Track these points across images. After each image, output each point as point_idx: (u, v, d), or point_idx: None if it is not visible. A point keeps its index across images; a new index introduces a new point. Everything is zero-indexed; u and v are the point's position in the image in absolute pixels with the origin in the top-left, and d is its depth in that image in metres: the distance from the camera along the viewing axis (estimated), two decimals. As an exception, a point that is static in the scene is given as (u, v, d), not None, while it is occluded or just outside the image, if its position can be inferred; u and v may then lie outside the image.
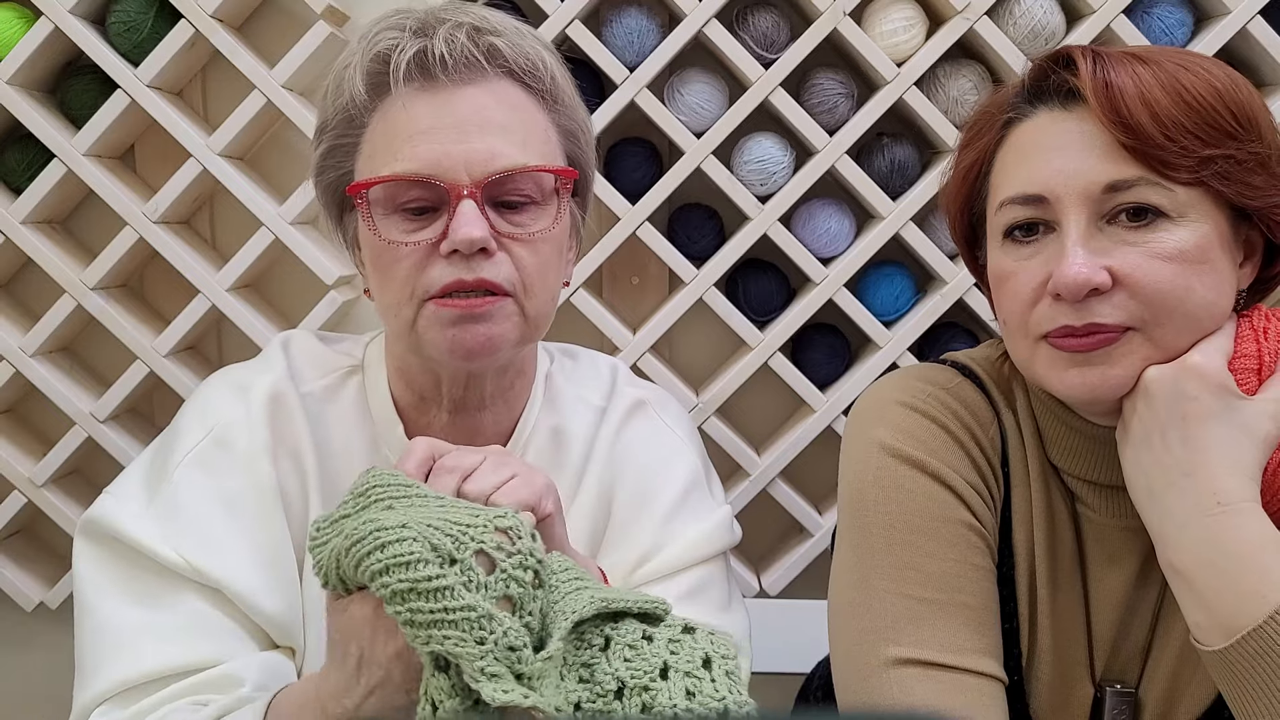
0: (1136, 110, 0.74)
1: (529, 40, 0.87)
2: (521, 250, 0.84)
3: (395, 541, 0.61)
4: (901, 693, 0.78)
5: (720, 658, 0.67)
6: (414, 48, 0.83)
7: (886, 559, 0.81)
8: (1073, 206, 0.75)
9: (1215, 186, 0.75)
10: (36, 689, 1.59)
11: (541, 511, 0.73)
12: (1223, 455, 0.74)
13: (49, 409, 1.45)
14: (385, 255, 0.84)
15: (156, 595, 0.82)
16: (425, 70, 0.83)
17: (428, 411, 0.93)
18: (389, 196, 0.84)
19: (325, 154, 0.89)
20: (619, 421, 0.99)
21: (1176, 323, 0.76)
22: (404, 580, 0.60)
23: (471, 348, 0.84)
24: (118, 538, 0.84)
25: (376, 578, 0.61)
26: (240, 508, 0.86)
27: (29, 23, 1.35)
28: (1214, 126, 0.74)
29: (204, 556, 0.83)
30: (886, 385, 0.89)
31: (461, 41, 0.83)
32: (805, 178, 1.39)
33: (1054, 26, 1.36)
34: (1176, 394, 0.75)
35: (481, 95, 0.84)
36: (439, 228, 0.83)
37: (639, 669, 0.65)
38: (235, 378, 0.92)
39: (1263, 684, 0.70)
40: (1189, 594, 0.74)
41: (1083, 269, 0.74)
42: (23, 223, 1.37)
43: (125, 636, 0.81)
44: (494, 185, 0.83)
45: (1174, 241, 0.74)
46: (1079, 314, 0.75)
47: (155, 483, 0.87)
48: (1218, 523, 0.73)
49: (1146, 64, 0.76)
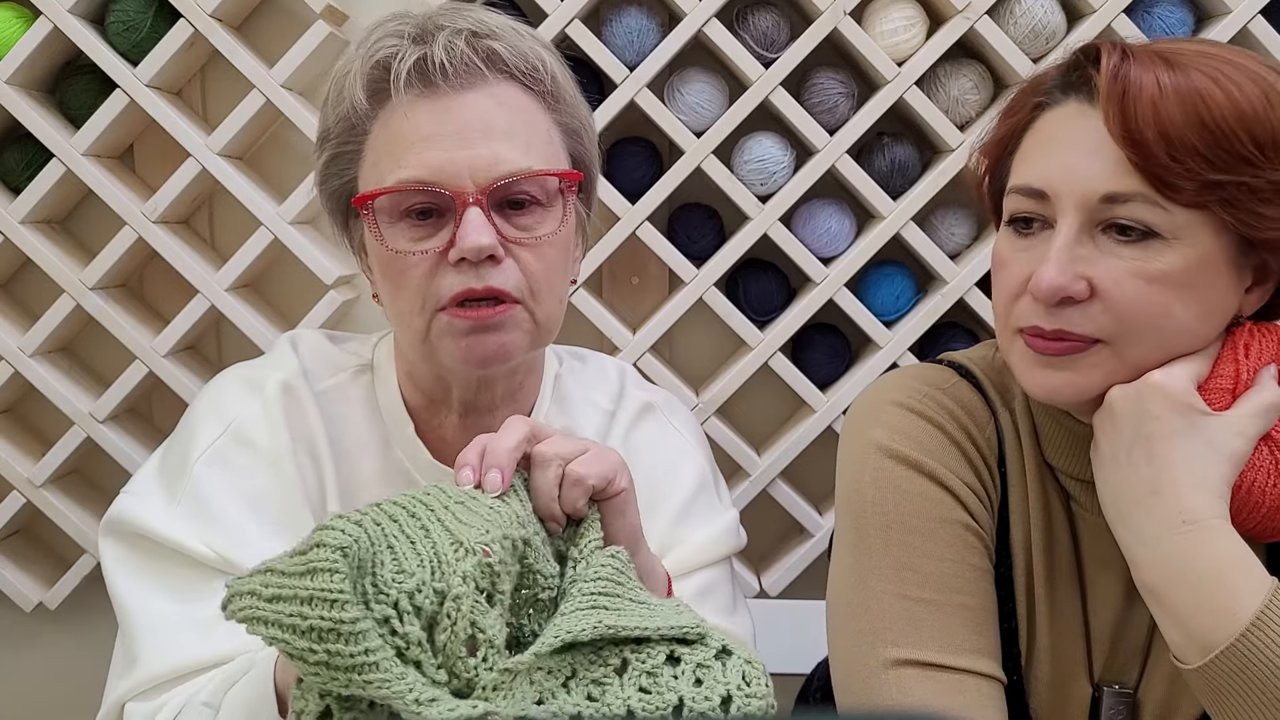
0: (1145, 124, 0.71)
1: (528, 41, 0.87)
2: (528, 255, 0.84)
3: (326, 572, 0.56)
4: (900, 693, 0.78)
5: (744, 696, 0.63)
6: (414, 55, 0.83)
7: (884, 560, 0.81)
8: (1069, 209, 0.75)
9: (1218, 213, 0.72)
10: (36, 689, 1.59)
11: (616, 485, 0.73)
12: (1188, 473, 0.73)
13: (48, 409, 1.44)
14: (394, 265, 0.84)
15: (192, 589, 0.83)
16: (426, 78, 0.83)
17: (438, 413, 0.93)
18: (394, 204, 0.83)
19: (328, 162, 0.88)
20: (627, 425, 0.99)
21: (1147, 342, 0.75)
22: (324, 619, 0.55)
23: (484, 356, 0.84)
24: (144, 535, 0.84)
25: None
26: (265, 504, 0.86)
27: (28, 22, 1.34)
28: (1228, 151, 0.71)
29: (235, 549, 0.83)
30: (883, 386, 0.88)
31: (461, 48, 0.83)
32: (805, 177, 1.39)
33: (1054, 26, 1.36)
34: (1140, 412, 0.75)
35: (483, 100, 0.84)
36: (445, 235, 0.82)
37: (651, 704, 0.61)
38: (247, 374, 0.92)
39: (1241, 700, 0.70)
40: (1163, 612, 0.74)
41: (1058, 277, 0.73)
42: (22, 222, 1.37)
43: (164, 630, 0.81)
44: (498, 190, 0.83)
45: (1161, 263, 0.73)
46: (1050, 318, 0.75)
47: (174, 480, 0.87)
48: (1186, 540, 0.72)
49: (1176, 69, 0.73)
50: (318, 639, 0.55)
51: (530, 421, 0.72)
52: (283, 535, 0.86)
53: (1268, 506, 0.75)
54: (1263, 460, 0.75)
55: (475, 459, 0.70)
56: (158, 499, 0.86)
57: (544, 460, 0.70)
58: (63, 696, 1.58)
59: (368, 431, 0.92)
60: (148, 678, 0.79)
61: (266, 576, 0.56)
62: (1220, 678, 0.70)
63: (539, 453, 0.71)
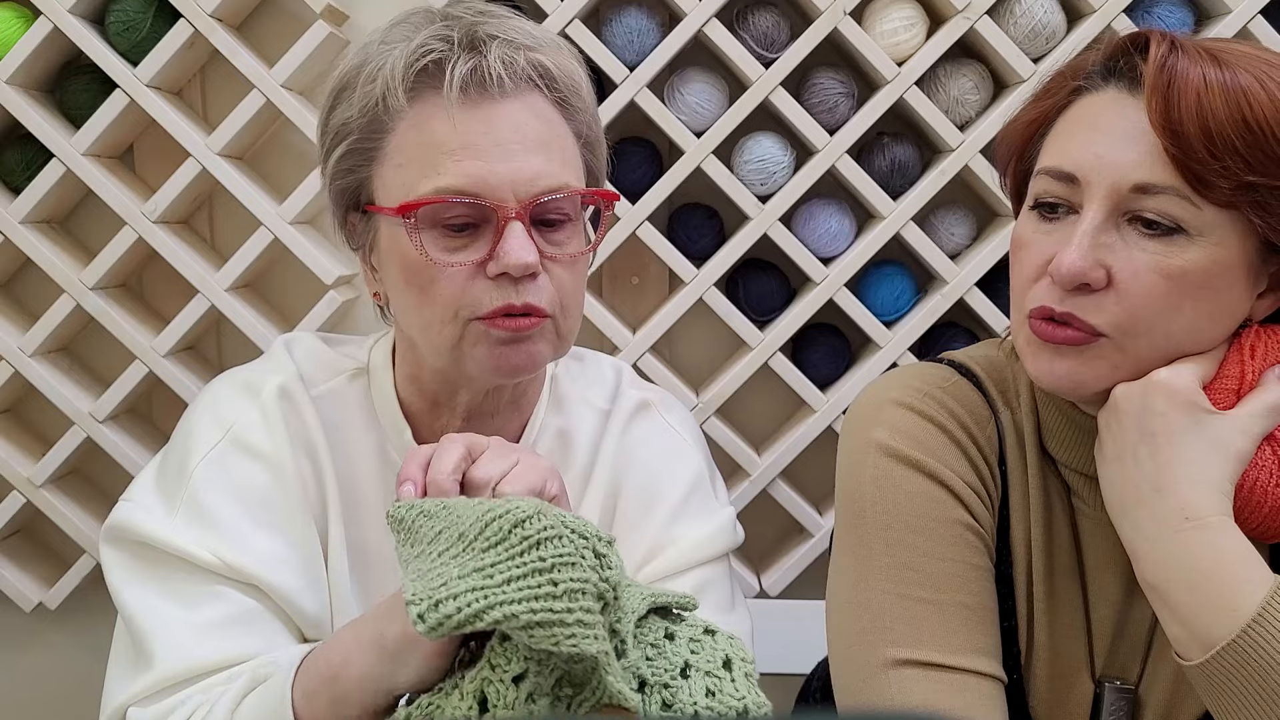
0: (1189, 118, 0.71)
1: (566, 56, 0.87)
2: (561, 271, 0.85)
3: (554, 539, 0.61)
4: (900, 693, 0.78)
5: (740, 660, 0.68)
6: (469, 63, 0.82)
7: (884, 559, 0.81)
8: (1098, 195, 0.74)
9: (1248, 215, 0.72)
10: (35, 689, 1.59)
11: (547, 494, 0.74)
12: (1191, 470, 0.74)
13: (48, 409, 1.44)
14: (425, 272, 0.83)
15: (195, 594, 0.83)
16: (481, 87, 0.82)
17: (440, 417, 0.93)
18: (431, 212, 0.82)
19: (344, 155, 0.86)
20: (624, 423, 0.99)
21: (1153, 339, 0.75)
22: (575, 580, 0.60)
23: (516, 366, 0.85)
24: (146, 542, 0.84)
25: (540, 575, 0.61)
26: (266, 507, 0.86)
27: (28, 22, 1.34)
28: (1267, 154, 0.71)
29: (237, 555, 0.83)
30: (883, 385, 0.88)
31: (520, 64, 0.83)
32: (805, 177, 1.39)
33: (1054, 26, 1.36)
34: (1144, 410, 0.75)
35: (519, 111, 0.83)
36: (483, 247, 0.82)
37: (660, 667, 0.66)
38: (243, 379, 0.92)
39: (1242, 697, 0.70)
40: (1165, 609, 0.74)
41: (1079, 261, 0.74)
42: (22, 222, 1.37)
43: (173, 632, 0.81)
44: (540, 208, 0.83)
45: (1182, 260, 0.73)
46: (1063, 301, 0.75)
47: (173, 487, 0.86)
48: (1187, 538, 0.73)
49: (1223, 66, 0.73)
50: (571, 599, 0.60)
51: (465, 439, 0.74)
52: (284, 538, 0.86)
53: (1270, 506, 0.75)
54: (1265, 460, 0.75)
55: (418, 474, 0.72)
56: (158, 506, 0.85)
57: (476, 486, 0.72)
58: (63, 696, 1.58)
59: (364, 436, 0.92)
60: (161, 679, 0.79)
61: (472, 577, 0.60)
62: (1221, 674, 0.70)
63: (470, 479, 0.72)
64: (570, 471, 0.96)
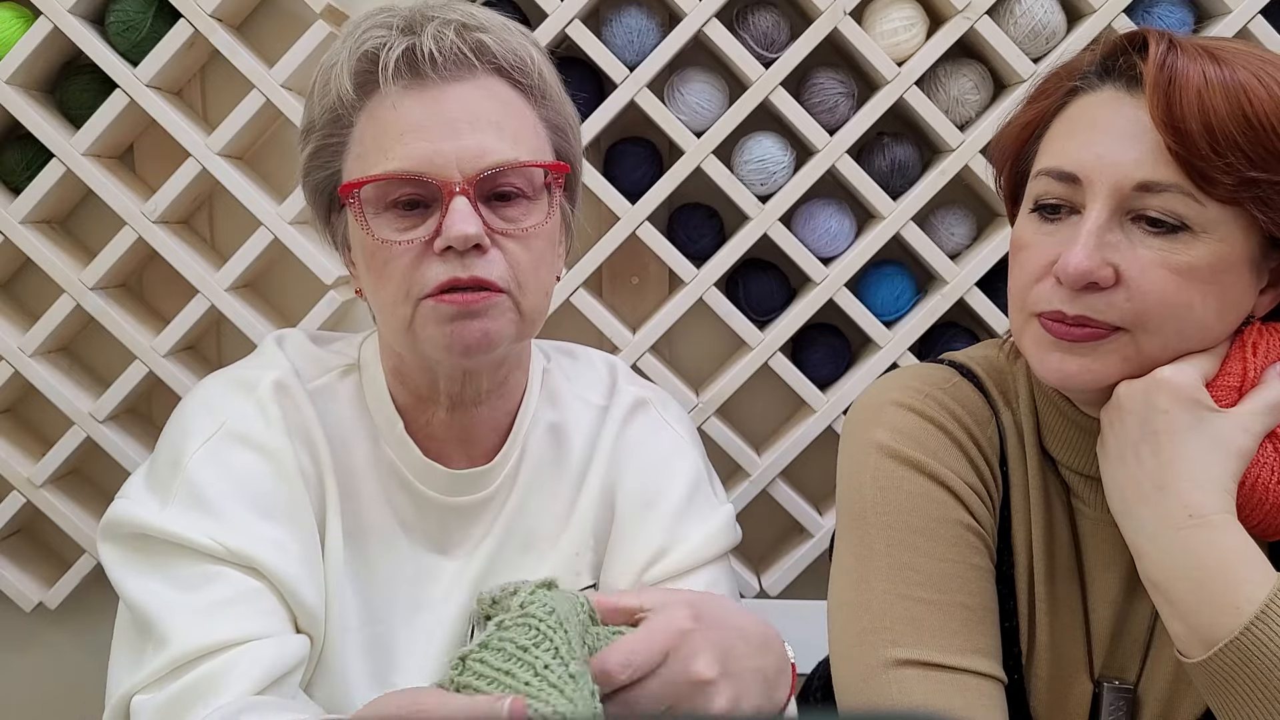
0: (1190, 115, 0.71)
1: (516, 36, 0.88)
2: (515, 246, 0.85)
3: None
4: (901, 693, 0.78)
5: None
6: (402, 45, 0.83)
7: (885, 560, 0.81)
8: (1101, 194, 0.75)
9: (1251, 211, 0.72)
10: (35, 689, 1.58)
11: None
12: (1194, 468, 0.74)
13: (48, 409, 1.44)
14: (379, 254, 0.84)
15: (195, 577, 0.82)
16: (414, 68, 0.83)
17: (426, 409, 0.93)
18: (380, 195, 0.84)
19: (313, 154, 0.89)
20: (621, 420, 0.99)
21: (1166, 335, 0.75)
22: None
23: (469, 343, 0.84)
24: (142, 533, 0.84)
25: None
26: (268, 498, 0.86)
27: (28, 22, 1.34)
28: (1268, 149, 0.72)
29: (236, 539, 0.83)
30: (884, 386, 0.89)
31: (450, 39, 0.83)
32: (805, 177, 1.39)
33: (1054, 26, 1.36)
34: (1147, 407, 0.75)
35: (471, 92, 0.84)
36: (432, 225, 0.83)
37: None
38: (235, 376, 0.92)
39: (1244, 694, 0.70)
40: (1167, 606, 0.74)
41: (1085, 261, 0.73)
42: (22, 222, 1.37)
43: (180, 612, 0.80)
44: (486, 181, 0.83)
45: (1188, 256, 0.73)
46: (1074, 303, 0.75)
47: (167, 478, 0.86)
48: (1190, 536, 0.73)
49: (1221, 64, 0.73)
50: (544, 667, 0.63)
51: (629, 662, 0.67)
52: (284, 528, 0.86)
53: (1271, 503, 0.75)
54: (1267, 457, 0.75)
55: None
56: (151, 499, 0.85)
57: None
58: (63, 696, 1.58)
59: (358, 429, 0.92)
60: (171, 660, 0.79)
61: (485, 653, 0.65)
62: (1223, 672, 0.71)
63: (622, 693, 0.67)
64: (565, 468, 0.97)
